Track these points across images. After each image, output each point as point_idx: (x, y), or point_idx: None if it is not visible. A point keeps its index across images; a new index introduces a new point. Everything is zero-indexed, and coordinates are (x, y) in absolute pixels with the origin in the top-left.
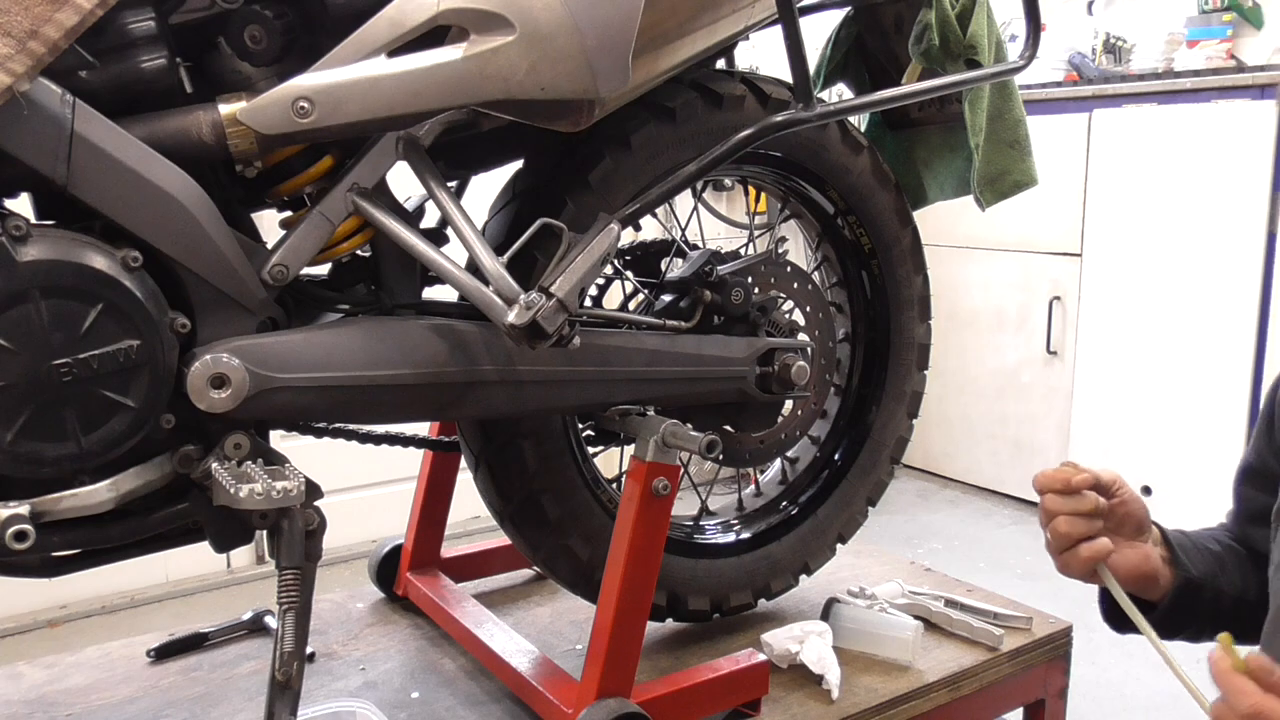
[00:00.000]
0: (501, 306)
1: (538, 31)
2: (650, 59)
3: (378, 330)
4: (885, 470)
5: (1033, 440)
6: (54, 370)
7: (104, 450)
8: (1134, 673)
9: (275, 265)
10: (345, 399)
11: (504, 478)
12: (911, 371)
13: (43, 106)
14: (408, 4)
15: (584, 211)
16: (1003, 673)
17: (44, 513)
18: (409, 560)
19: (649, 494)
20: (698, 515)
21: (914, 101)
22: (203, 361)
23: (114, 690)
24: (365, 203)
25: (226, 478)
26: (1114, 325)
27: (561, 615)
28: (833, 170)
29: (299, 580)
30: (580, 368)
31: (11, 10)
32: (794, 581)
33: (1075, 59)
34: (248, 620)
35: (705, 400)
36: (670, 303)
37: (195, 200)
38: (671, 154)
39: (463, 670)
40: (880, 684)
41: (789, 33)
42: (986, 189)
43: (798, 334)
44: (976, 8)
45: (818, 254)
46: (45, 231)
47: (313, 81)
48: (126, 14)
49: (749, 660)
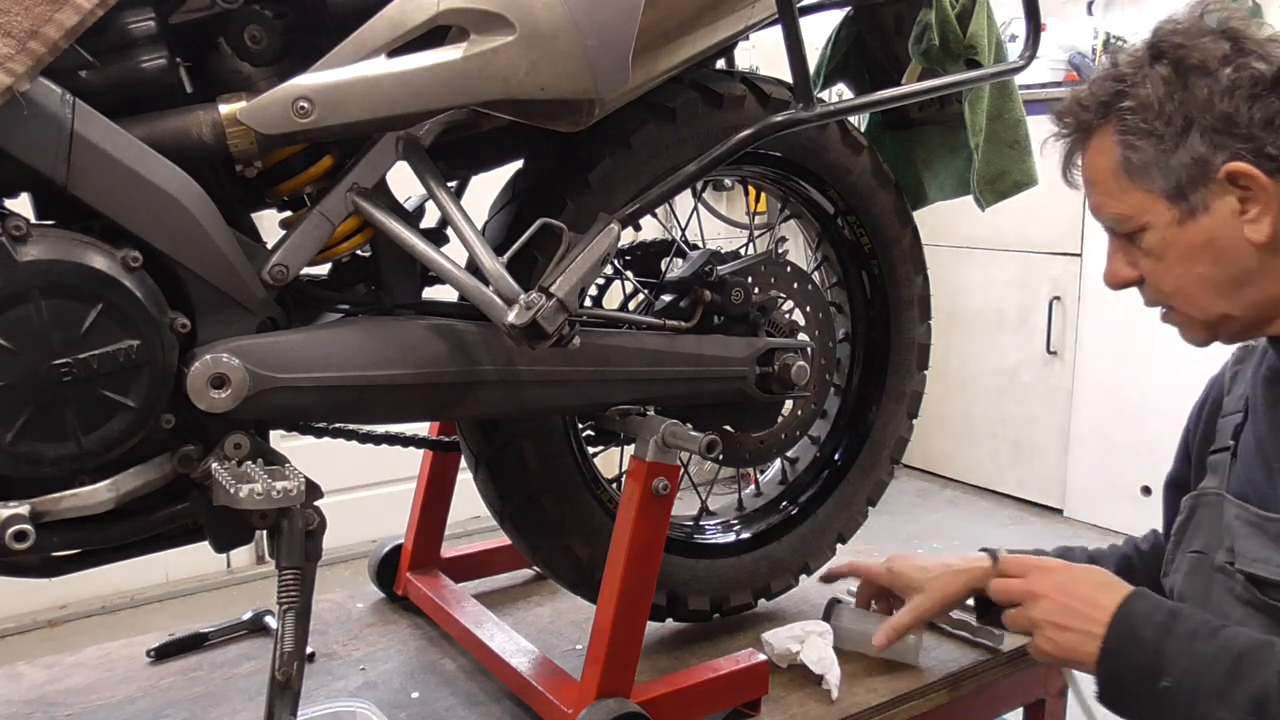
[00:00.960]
0: (501, 306)
1: (538, 31)
2: (650, 59)
3: (378, 330)
4: (885, 470)
5: (1033, 440)
6: (54, 370)
7: (104, 450)
8: None
9: (275, 265)
10: (345, 399)
11: (504, 478)
12: (911, 371)
13: (43, 106)
14: (408, 4)
15: (584, 211)
16: (1003, 673)
17: (44, 513)
18: (409, 560)
19: (649, 494)
20: (698, 515)
21: (914, 101)
22: (203, 361)
23: (114, 690)
24: (365, 203)
25: (226, 478)
26: (1114, 325)
27: (561, 615)
28: (833, 170)
29: (299, 580)
30: (580, 368)
31: (11, 10)
32: (794, 581)
33: (1075, 59)
34: (248, 620)
35: (705, 400)
36: (670, 303)
37: (195, 200)
38: (671, 154)
39: (463, 670)
40: (880, 684)
41: (789, 33)
42: (986, 189)
43: (798, 334)
44: (976, 8)
45: (818, 254)
46: (45, 231)
47: (313, 81)
48: (126, 14)
49: (749, 660)
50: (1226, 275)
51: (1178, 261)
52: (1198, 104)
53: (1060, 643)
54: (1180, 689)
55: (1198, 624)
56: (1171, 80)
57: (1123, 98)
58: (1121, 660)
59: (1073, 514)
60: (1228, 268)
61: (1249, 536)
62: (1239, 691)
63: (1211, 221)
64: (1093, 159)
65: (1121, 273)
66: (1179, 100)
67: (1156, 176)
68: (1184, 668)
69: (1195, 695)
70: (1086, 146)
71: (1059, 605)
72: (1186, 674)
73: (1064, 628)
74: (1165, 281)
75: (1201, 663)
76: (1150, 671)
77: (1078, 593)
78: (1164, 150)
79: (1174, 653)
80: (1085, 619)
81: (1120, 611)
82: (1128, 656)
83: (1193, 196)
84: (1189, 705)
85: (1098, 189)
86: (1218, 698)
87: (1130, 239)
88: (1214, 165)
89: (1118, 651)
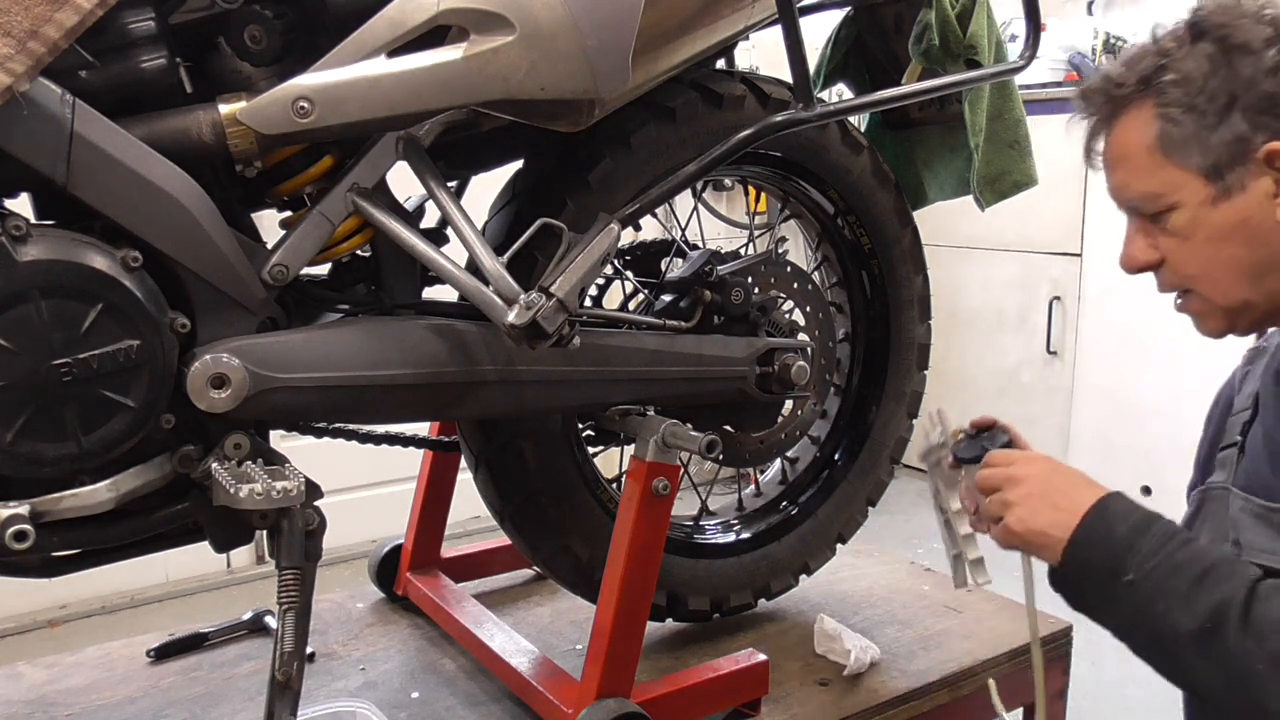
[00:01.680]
0: (501, 306)
1: (538, 31)
2: (650, 59)
3: (378, 330)
4: (885, 470)
5: (1032, 440)
6: (54, 370)
7: (104, 450)
8: (1134, 673)
9: (275, 265)
10: (345, 399)
11: (504, 478)
12: (911, 371)
13: (43, 106)
14: (408, 4)
15: (584, 211)
16: (1003, 673)
17: (44, 513)
18: (409, 560)
19: (649, 494)
20: (698, 515)
21: (914, 101)
22: (203, 361)
23: (114, 690)
24: (365, 203)
25: (226, 478)
26: (1114, 325)
27: (561, 615)
28: (833, 170)
29: (299, 580)
30: (580, 368)
31: (11, 10)
32: (794, 581)
33: (1075, 59)
34: (248, 620)
35: (705, 400)
36: (670, 303)
37: (195, 200)
38: (671, 154)
39: (463, 670)
40: (880, 684)
41: (789, 33)
42: (986, 189)
43: (798, 334)
44: (976, 8)
45: (818, 254)
46: (45, 231)
47: (313, 81)
48: (126, 14)
49: (749, 660)
50: (1255, 259)
51: (1206, 242)
52: (1241, 82)
53: (1030, 524)
54: (1142, 586)
55: (1174, 531)
56: (1216, 57)
57: (1164, 72)
58: (1089, 549)
59: None
60: (1257, 251)
61: (1255, 528)
62: (1201, 598)
63: (1245, 202)
64: (1123, 135)
65: (1141, 256)
66: (1223, 77)
67: (1194, 152)
68: (1151, 566)
69: (1155, 595)
70: (1115, 124)
71: (1037, 490)
72: (1153, 573)
73: (1037, 511)
74: (1190, 264)
75: (1170, 565)
76: (1116, 565)
77: (1058, 484)
78: (1205, 126)
79: (1145, 551)
80: (1059, 508)
81: (1099, 504)
82: (1096, 546)
83: (1229, 175)
84: (1148, 604)
85: (1126, 166)
86: (1179, 600)
87: (1154, 220)
88: (1253, 145)
89: (1086, 541)
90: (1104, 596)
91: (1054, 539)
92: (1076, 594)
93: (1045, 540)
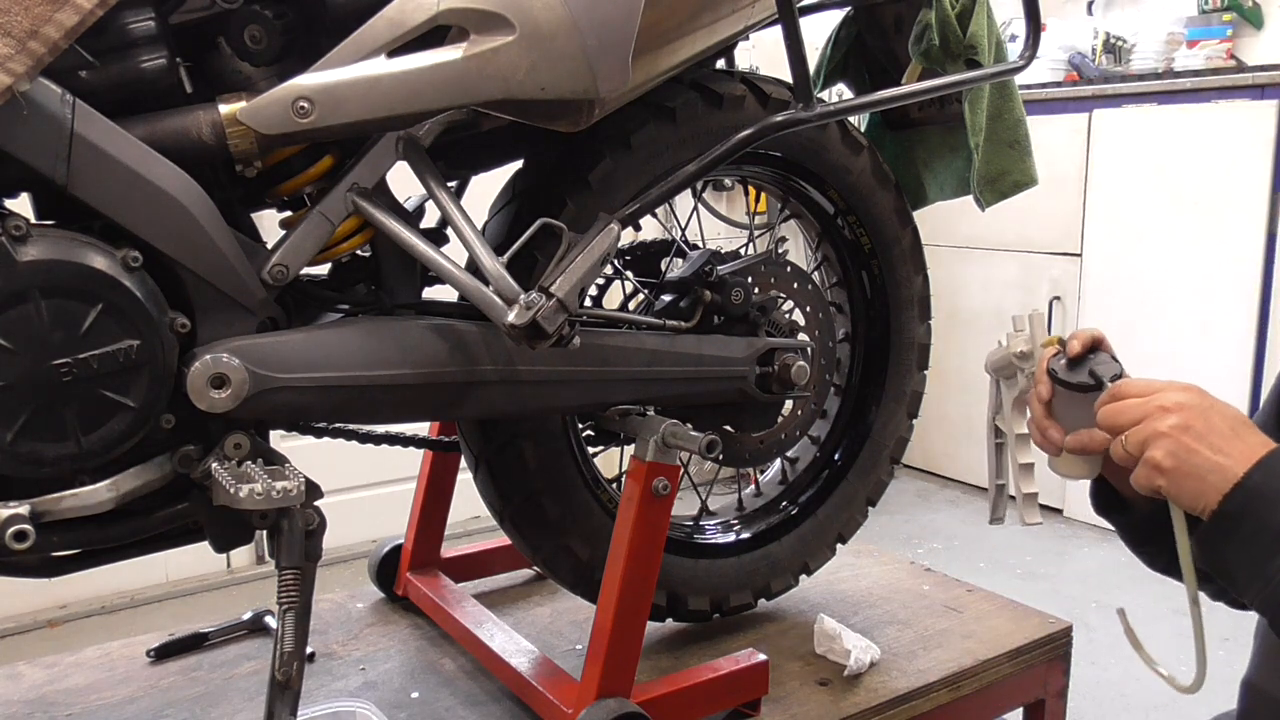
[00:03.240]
0: (501, 306)
1: (538, 31)
2: (650, 59)
3: (378, 330)
4: (885, 470)
5: None
6: (54, 370)
7: (104, 450)
8: (1134, 673)
9: (275, 265)
10: (345, 399)
11: (504, 478)
12: (911, 371)
13: (43, 106)
14: (408, 4)
15: (584, 211)
16: (1003, 673)
17: (44, 513)
18: (409, 560)
19: (649, 494)
20: (698, 515)
21: (914, 101)
22: (203, 361)
23: (114, 690)
24: (365, 203)
25: (226, 478)
26: (1114, 325)
27: (561, 615)
28: (833, 170)
29: (299, 580)
30: (580, 368)
31: (11, 10)
32: (794, 581)
33: (1075, 59)
34: (248, 620)
35: (705, 400)
36: (670, 303)
37: (195, 200)
38: (671, 154)
39: (463, 670)
40: (880, 684)
41: (789, 33)
42: (986, 189)
43: (798, 334)
44: (976, 8)
45: (818, 254)
46: (45, 231)
47: (313, 81)
48: (126, 14)
49: (749, 660)
50: None
51: None
52: None
53: (1189, 461)
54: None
55: None
56: None
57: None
58: (1258, 500)
59: (1073, 514)
60: None
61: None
62: None
63: None
64: None
65: None
66: None
67: None
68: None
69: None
70: None
71: (1199, 425)
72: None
73: (1194, 450)
74: None
75: None
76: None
77: (1216, 423)
78: None
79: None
80: (1220, 450)
81: (1273, 453)
82: (1266, 498)
83: None
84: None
85: None
86: None
87: None
88: None
89: (1257, 491)
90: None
91: (1218, 480)
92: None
93: (1205, 483)
